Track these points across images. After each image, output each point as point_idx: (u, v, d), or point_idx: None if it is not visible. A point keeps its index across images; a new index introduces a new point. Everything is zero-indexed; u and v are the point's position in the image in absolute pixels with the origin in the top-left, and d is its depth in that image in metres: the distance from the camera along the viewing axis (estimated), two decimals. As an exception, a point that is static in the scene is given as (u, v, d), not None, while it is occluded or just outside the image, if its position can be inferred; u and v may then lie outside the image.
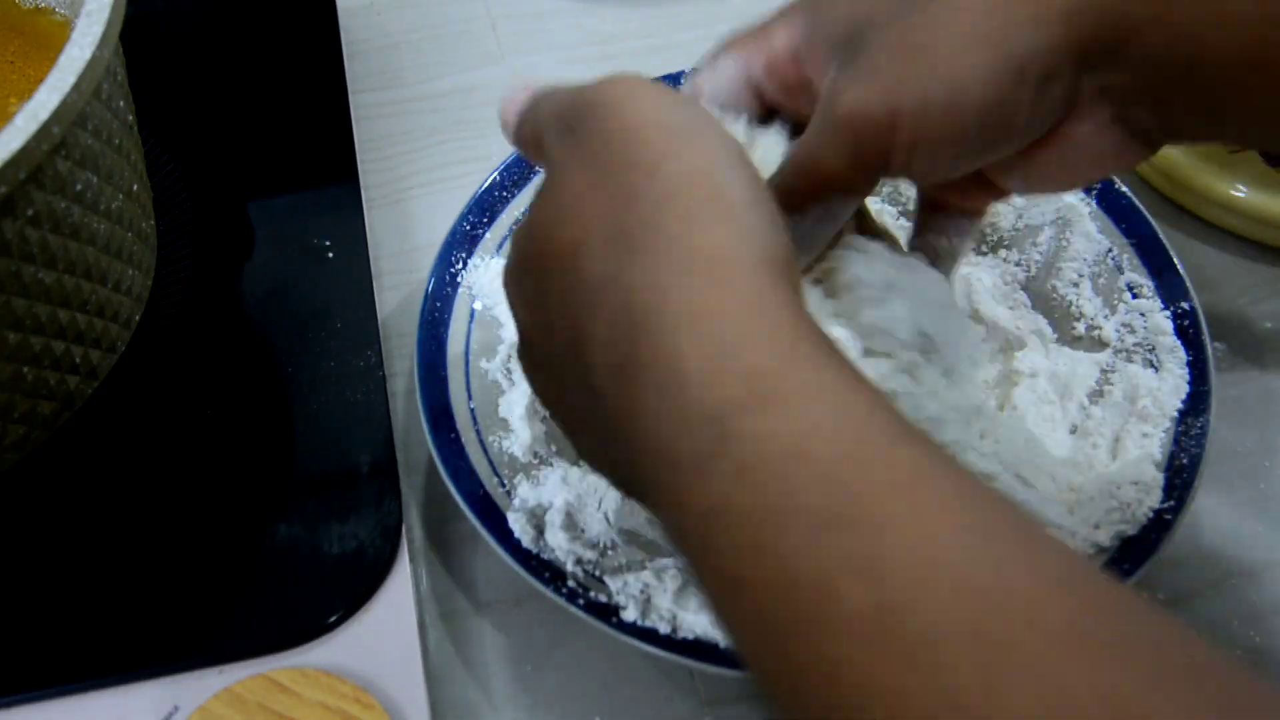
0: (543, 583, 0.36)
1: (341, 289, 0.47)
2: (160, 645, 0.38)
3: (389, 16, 0.62)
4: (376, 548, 0.39)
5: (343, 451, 0.42)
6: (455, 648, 0.40)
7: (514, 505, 0.38)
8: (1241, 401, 0.45)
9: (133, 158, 0.44)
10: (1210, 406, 0.39)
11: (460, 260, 0.45)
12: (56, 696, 0.37)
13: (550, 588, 0.36)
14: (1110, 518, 0.37)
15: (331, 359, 0.45)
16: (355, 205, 0.50)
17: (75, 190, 0.38)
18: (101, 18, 0.37)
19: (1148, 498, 0.37)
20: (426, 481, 0.44)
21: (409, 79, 0.59)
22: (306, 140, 0.54)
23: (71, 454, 0.42)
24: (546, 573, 0.36)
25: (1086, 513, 0.37)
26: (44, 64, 0.44)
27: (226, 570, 0.39)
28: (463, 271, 0.45)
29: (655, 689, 0.39)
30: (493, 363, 0.43)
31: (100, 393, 0.43)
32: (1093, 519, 0.37)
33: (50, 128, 0.34)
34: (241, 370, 0.45)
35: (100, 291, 0.41)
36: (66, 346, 0.40)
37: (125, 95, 0.43)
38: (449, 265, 0.45)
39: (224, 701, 0.35)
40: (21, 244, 0.36)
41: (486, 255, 0.46)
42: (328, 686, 0.35)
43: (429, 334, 0.43)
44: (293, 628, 0.37)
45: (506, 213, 0.46)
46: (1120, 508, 0.37)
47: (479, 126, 0.57)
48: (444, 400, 0.41)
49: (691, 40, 0.59)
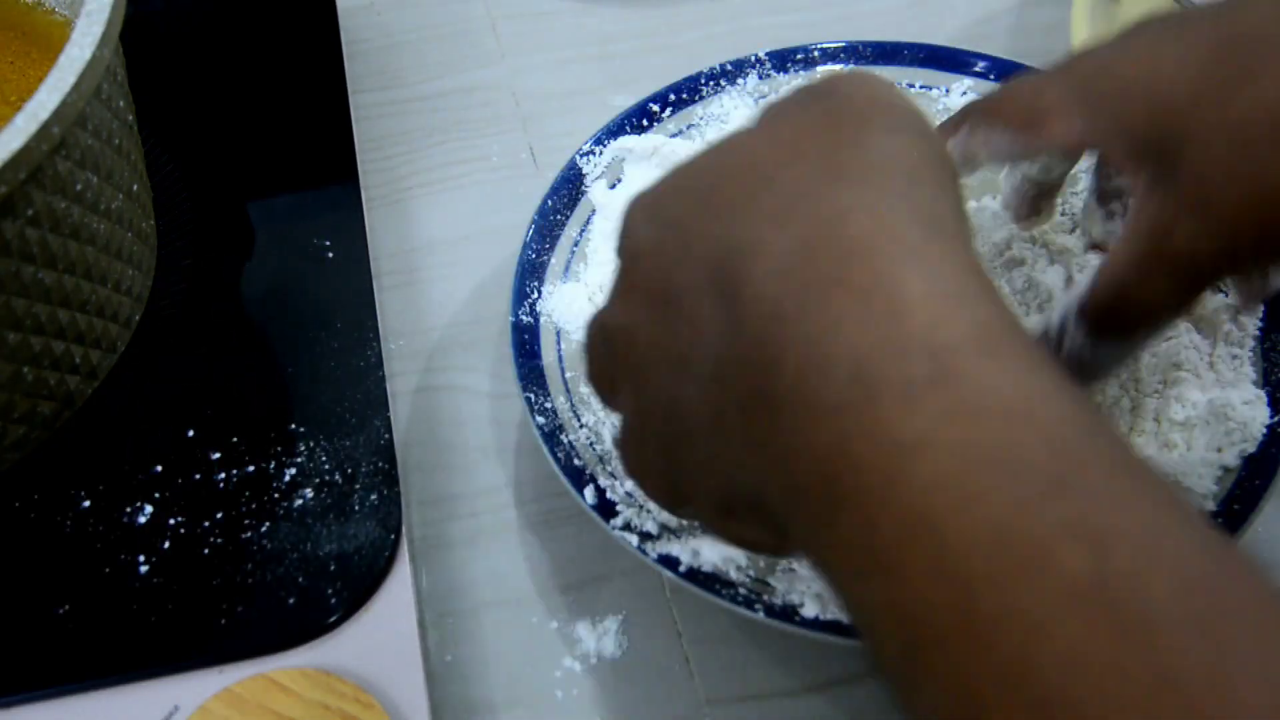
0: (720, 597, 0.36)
1: (341, 289, 0.47)
2: (160, 645, 0.38)
3: (389, 16, 0.62)
4: (376, 548, 0.39)
5: (343, 451, 0.42)
6: (455, 648, 0.40)
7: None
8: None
9: (133, 158, 0.44)
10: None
11: (534, 290, 0.44)
12: (56, 696, 0.37)
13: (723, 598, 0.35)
14: (1230, 439, 0.38)
15: (331, 359, 0.45)
16: (355, 205, 0.50)
17: (75, 190, 0.38)
18: (101, 18, 0.37)
19: (1259, 414, 0.39)
20: (426, 481, 0.44)
21: (409, 79, 0.59)
22: (306, 140, 0.54)
23: (71, 454, 0.42)
24: (716, 584, 0.36)
25: (1206, 439, 0.39)
26: (44, 64, 0.44)
27: (227, 570, 0.39)
28: (539, 301, 0.44)
29: (655, 689, 0.39)
30: None
31: (100, 393, 0.43)
32: (1214, 444, 0.38)
33: (50, 128, 0.34)
34: (241, 370, 0.45)
35: (100, 291, 0.41)
36: (66, 346, 0.40)
37: (125, 95, 0.43)
38: (525, 296, 0.44)
39: (224, 701, 0.35)
40: (21, 244, 0.36)
41: (556, 281, 0.45)
42: (328, 686, 0.35)
43: (528, 366, 0.42)
44: (293, 628, 0.37)
45: (565, 235, 0.46)
46: (1238, 428, 0.38)
47: (479, 126, 0.57)
48: (555, 424, 0.40)
49: (691, 40, 0.59)
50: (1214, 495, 0.37)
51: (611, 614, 0.40)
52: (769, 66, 0.51)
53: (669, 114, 0.50)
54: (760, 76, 0.51)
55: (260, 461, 0.42)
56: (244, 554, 0.39)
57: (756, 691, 0.39)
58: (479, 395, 0.47)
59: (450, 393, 0.47)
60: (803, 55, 0.52)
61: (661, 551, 0.37)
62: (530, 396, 0.40)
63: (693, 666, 0.39)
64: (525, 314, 0.43)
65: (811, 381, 0.21)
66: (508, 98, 0.58)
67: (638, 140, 0.49)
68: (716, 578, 0.36)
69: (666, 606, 0.41)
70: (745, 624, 0.40)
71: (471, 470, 0.45)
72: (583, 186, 0.48)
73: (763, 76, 0.51)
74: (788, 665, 0.39)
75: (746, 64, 0.51)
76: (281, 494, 0.41)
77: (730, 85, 0.51)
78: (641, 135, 0.49)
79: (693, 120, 0.50)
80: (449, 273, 0.51)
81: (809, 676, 0.39)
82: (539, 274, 0.45)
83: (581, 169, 0.48)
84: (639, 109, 0.49)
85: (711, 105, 0.51)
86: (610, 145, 0.48)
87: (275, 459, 0.42)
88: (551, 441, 0.39)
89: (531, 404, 0.40)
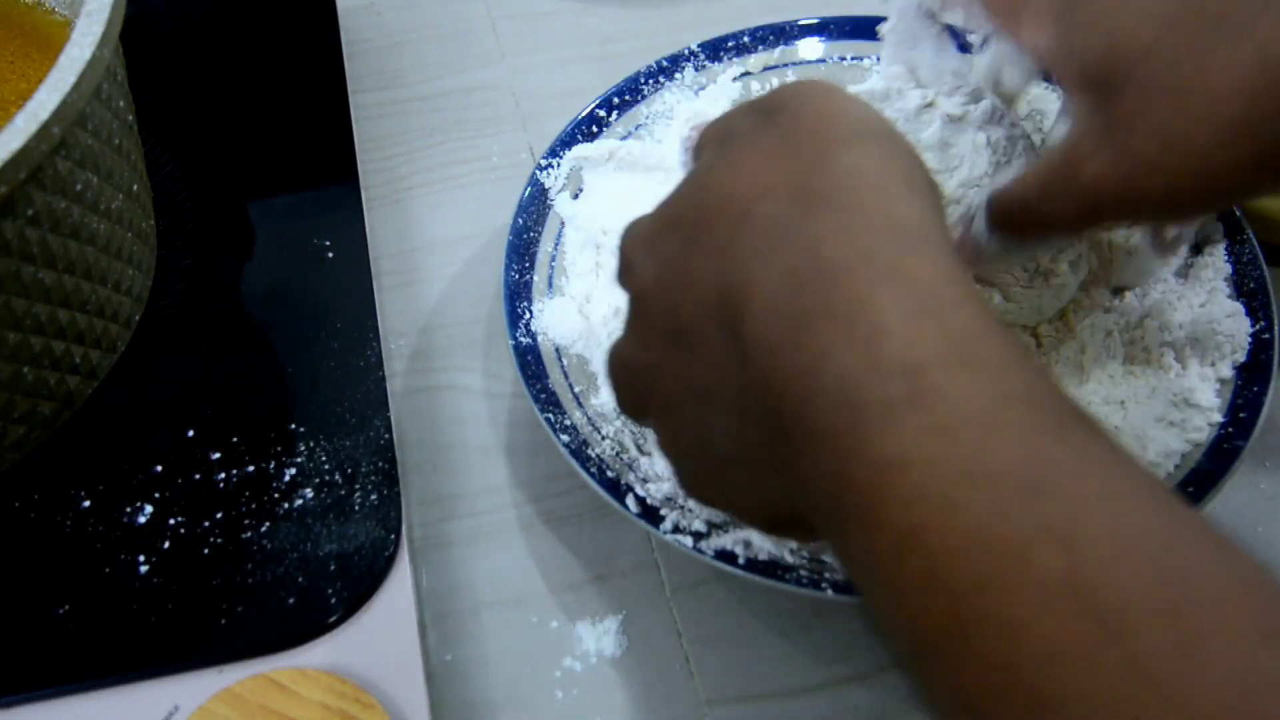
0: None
1: (341, 289, 0.47)
2: (160, 645, 0.38)
3: (389, 16, 0.62)
4: (376, 548, 0.39)
5: (343, 451, 0.42)
6: (455, 648, 0.40)
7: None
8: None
9: (133, 158, 0.44)
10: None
11: (525, 310, 0.44)
12: (56, 696, 0.37)
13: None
14: (1222, 352, 0.41)
15: (331, 359, 0.45)
16: (355, 205, 0.50)
17: (75, 190, 0.38)
18: (101, 18, 0.37)
19: (1242, 326, 0.41)
20: (426, 481, 0.44)
21: (409, 79, 0.59)
22: (306, 140, 0.54)
23: (71, 454, 0.42)
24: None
25: (1201, 353, 0.41)
26: (44, 64, 0.44)
27: (227, 570, 0.39)
28: (532, 320, 0.44)
29: (655, 689, 0.39)
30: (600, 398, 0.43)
31: (100, 393, 0.43)
32: (1207, 359, 0.41)
33: (50, 128, 0.34)
34: (241, 370, 0.45)
35: (100, 291, 0.41)
36: (66, 346, 0.40)
37: (125, 95, 0.43)
38: (518, 317, 0.44)
39: (224, 701, 0.35)
40: (21, 244, 0.36)
41: (543, 298, 0.45)
42: (328, 686, 0.35)
43: (539, 388, 0.41)
44: (293, 628, 0.37)
45: (541, 252, 0.46)
46: (1228, 339, 0.41)
47: (479, 126, 0.57)
48: (579, 441, 0.40)
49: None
50: (1219, 407, 0.40)
51: (611, 614, 0.40)
52: (703, 58, 0.52)
53: (616, 117, 0.50)
54: (696, 69, 0.52)
55: (260, 461, 0.42)
56: (244, 554, 0.39)
57: (756, 691, 0.39)
58: (479, 395, 0.47)
59: (450, 393, 0.47)
60: (733, 43, 0.53)
61: (716, 547, 0.37)
62: (549, 418, 0.40)
63: (693, 666, 0.39)
64: (522, 335, 0.43)
65: (810, 409, 0.22)
66: (508, 98, 0.58)
67: (592, 147, 0.49)
68: (776, 564, 0.37)
69: (666, 606, 0.41)
70: (745, 624, 0.40)
71: (471, 470, 0.45)
72: (548, 200, 0.48)
73: (698, 69, 0.52)
74: (788, 665, 0.39)
75: (681, 58, 0.52)
76: (281, 494, 0.41)
77: (669, 81, 0.52)
78: (594, 141, 0.49)
79: (639, 120, 0.51)
80: (449, 273, 0.51)
81: (809, 676, 0.39)
82: (526, 293, 0.45)
83: (543, 183, 0.48)
84: (587, 117, 0.50)
85: (655, 103, 0.51)
86: (566, 156, 0.49)
87: (275, 459, 0.42)
88: (581, 459, 0.39)
89: (553, 425, 0.40)
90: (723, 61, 0.53)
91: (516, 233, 0.46)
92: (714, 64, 0.53)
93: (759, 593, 0.41)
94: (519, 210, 0.47)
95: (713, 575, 0.41)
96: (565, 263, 0.47)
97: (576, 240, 0.47)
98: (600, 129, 0.50)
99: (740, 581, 0.41)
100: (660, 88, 0.52)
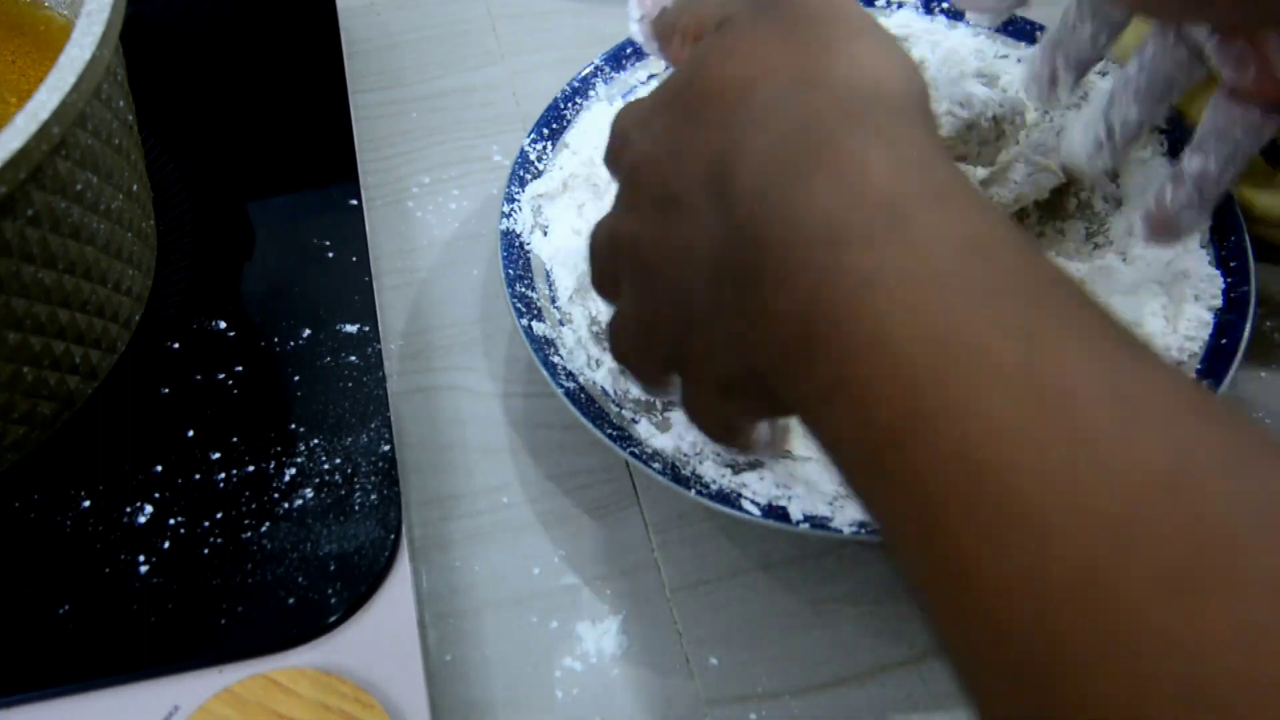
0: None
1: (341, 289, 0.47)
2: (160, 645, 0.38)
3: (389, 16, 0.62)
4: (376, 548, 0.39)
5: (342, 451, 0.42)
6: (455, 648, 0.40)
7: None
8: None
9: (133, 158, 0.44)
10: None
11: (552, 354, 0.43)
12: (56, 696, 0.37)
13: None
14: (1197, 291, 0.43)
15: (331, 359, 0.45)
16: (355, 205, 0.50)
17: (75, 190, 0.38)
18: (101, 18, 0.37)
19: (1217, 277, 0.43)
20: (426, 481, 0.44)
21: (409, 79, 0.59)
22: (306, 140, 0.54)
23: (71, 454, 0.42)
24: None
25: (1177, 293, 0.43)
26: (44, 64, 0.44)
27: (227, 570, 0.39)
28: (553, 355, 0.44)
29: (655, 689, 0.39)
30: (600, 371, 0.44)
31: (100, 393, 0.43)
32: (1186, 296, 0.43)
33: (50, 128, 0.34)
34: (241, 370, 0.45)
35: (100, 291, 0.41)
36: (66, 346, 0.40)
37: (125, 95, 0.43)
38: (549, 365, 0.43)
39: (224, 701, 0.35)
40: (21, 244, 0.36)
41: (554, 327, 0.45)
42: (328, 686, 0.35)
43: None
44: (293, 628, 0.37)
45: (540, 295, 0.45)
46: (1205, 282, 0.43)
47: (479, 126, 0.57)
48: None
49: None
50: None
51: (611, 614, 0.40)
52: (609, 70, 0.52)
53: (549, 148, 0.50)
54: (605, 81, 0.52)
55: (260, 461, 0.42)
56: (244, 554, 0.39)
57: (756, 691, 0.39)
58: (479, 395, 0.47)
59: (450, 393, 0.47)
60: (632, 49, 0.53)
61: (708, 485, 0.39)
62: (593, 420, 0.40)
63: (693, 666, 0.39)
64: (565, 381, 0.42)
65: (792, 246, 0.24)
66: (508, 98, 0.58)
67: (543, 183, 0.49)
68: (781, 510, 0.38)
69: (666, 606, 0.41)
70: (745, 624, 0.40)
71: (471, 470, 0.45)
72: (525, 248, 0.47)
73: (607, 81, 0.52)
74: (788, 665, 0.39)
75: (591, 76, 0.52)
76: (281, 494, 0.41)
77: (585, 100, 0.51)
78: (542, 177, 0.49)
79: (568, 142, 0.50)
80: (449, 273, 0.51)
81: (809, 676, 0.39)
82: (548, 344, 0.44)
83: (515, 229, 0.47)
84: (521, 159, 0.49)
85: (581, 123, 0.51)
86: (522, 198, 0.48)
87: (275, 459, 0.42)
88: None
89: (603, 430, 0.40)
90: (627, 69, 0.52)
91: (511, 283, 0.45)
92: (619, 72, 0.52)
93: (759, 592, 0.41)
94: (505, 263, 0.45)
95: (713, 575, 0.41)
96: (564, 304, 0.46)
97: (567, 283, 0.46)
98: (540, 161, 0.49)
99: (741, 580, 0.41)
100: (581, 109, 0.51)
